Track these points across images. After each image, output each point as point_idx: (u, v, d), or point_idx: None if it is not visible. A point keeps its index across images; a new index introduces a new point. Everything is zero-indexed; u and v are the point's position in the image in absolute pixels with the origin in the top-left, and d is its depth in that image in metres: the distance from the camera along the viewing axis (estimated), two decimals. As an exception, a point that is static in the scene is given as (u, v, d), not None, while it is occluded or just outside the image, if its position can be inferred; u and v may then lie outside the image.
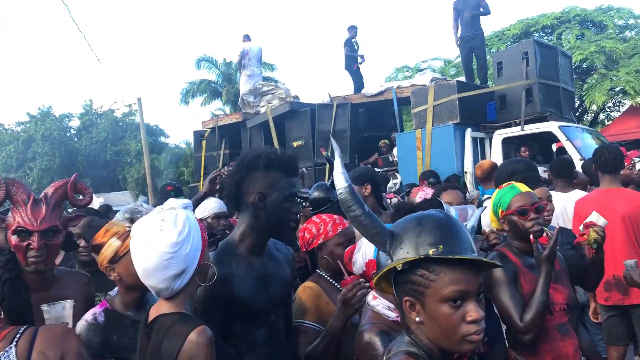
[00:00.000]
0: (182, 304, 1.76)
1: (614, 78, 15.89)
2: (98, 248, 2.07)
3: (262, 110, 10.27)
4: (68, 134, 34.61)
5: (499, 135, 7.81)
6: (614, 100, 18.09)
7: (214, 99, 29.29)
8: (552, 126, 7.38)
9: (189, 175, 27.13)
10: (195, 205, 3.54)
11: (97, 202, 11.84)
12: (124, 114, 34.96)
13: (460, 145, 7.82)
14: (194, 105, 34.69)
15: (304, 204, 3.59)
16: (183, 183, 26.34)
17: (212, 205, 4.17)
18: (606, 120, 20.16)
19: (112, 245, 2.04)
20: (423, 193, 4.10)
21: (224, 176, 3.23)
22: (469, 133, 7.81)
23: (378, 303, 2.00)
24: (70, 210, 4.26)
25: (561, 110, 8.02)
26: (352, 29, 11.12)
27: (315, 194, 3.64)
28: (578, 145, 7.20)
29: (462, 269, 1.30)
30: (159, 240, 1.67)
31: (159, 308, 1.76)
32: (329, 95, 10.36)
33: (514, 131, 7.68)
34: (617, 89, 16.38)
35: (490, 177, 5.12)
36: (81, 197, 2.38)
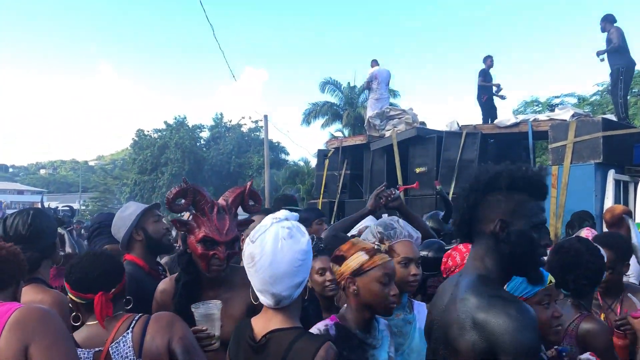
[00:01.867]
0: (294, 317, 1.75)
1: None
2: (340, 259, 2.06)
3: (388, 134, 10.21)
4: (198, 144, 36.91)
5: (649, 180, 7.13)
6: None
7: (334, 121, 29.90)
8: None
9: (304, 192, 27.82)
10: (355, 223, 3.22)
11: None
12: (250, 129, 36.75)
13: (601, 187, 7.25)
14: (315, 126, 35.71)
15: None
16: (298, 199, 27.03)
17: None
18: None
19: (359, 258, 2.01)
20: (589, 232, 3.83)
21: (392, 196, 3.02)
22: (611, 175, 7.21)
23: None
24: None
25: None
26: (488, 59, 10.76)
27: (428, 224, 3.48)
28: None
29: None
30: (290, 247, 1.68)
31: (268, 322, 1.73)
32: (457, 124, 10.08)
33: (668, 177, 6.98)
34: None
35: (620, 224, 4.66)
36: (253, 203, 2.42)
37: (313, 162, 29.94)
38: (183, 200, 2.27)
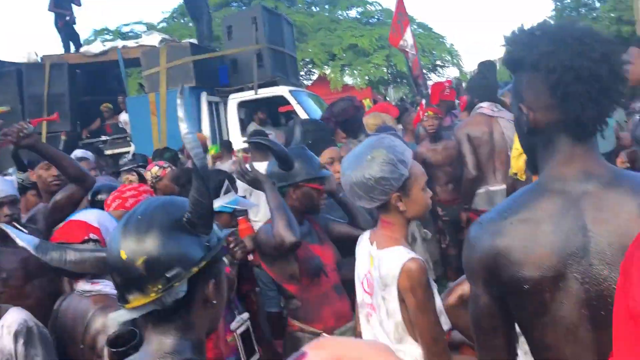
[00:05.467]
0: None
1: (303, 50, 17.70)
2: None
3: (-51, 70, 8.40)
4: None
5: (234, 100, 7.90)
6: (305, 70, 19.99)
7: None
8: (283, 90, 7.75)
9: None
10: None
11: None
12: None
13: (197, 109, 7.66)
14: None
15: None
16: None
17: None
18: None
19: None
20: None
21: (24, 132, 2.39)
22: (204, 97, 7.70)
23: None
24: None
25: (287, 75, 8.49)
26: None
27: None
28: (306, 108, 7.70)
29: None
30: None
31: None
32: (36, 54, 9.05)
33: (248, 95, 7.84)
34: (307, 59, 18.35)
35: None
36: None
37: None
38: None
